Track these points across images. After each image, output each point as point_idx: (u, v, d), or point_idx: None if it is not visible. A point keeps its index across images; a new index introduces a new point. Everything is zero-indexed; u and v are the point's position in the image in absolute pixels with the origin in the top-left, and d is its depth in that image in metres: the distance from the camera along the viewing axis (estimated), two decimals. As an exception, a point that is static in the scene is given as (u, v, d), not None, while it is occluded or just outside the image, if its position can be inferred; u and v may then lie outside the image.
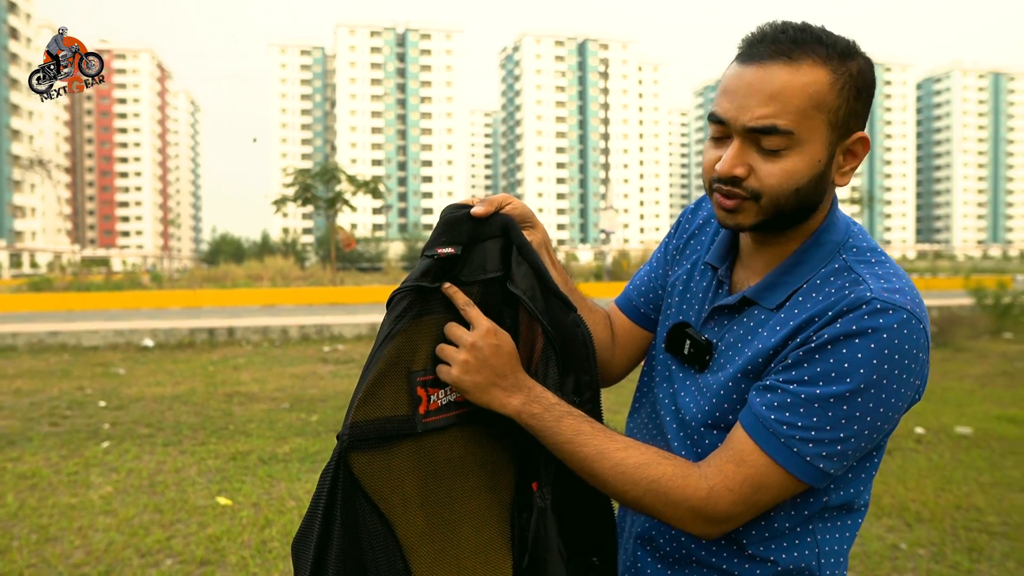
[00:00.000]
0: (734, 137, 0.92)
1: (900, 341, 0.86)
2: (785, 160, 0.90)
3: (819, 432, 0.87)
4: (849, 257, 0.95)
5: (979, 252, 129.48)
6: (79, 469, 5.04)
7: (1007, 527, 3.91)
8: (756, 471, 0.89)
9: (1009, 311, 13.39)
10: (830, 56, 0.89)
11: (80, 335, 12.62)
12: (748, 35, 0.93)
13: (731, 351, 0.99)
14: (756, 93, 0.89)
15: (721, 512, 0.91)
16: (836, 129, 0.91)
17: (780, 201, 0.92)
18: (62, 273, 50.95)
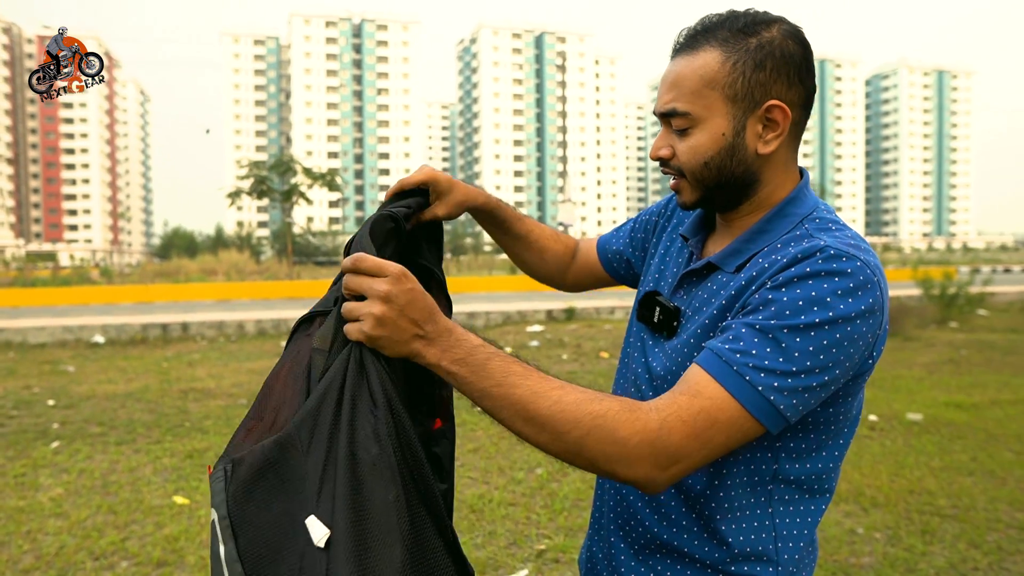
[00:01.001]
0: (661, 126, 1.03)
1: (854, 287, 0.88)
2: (691, 137, 0.99)
3: (771, 362, 0.87)
4: (811, 226, 0.98)
5: (925, 244, 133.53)
6: (27, 471, 4.87)
7: (957, 509, 4.03)
8: (711, 403, 0.87)
9: (954, 301, 13.81)
10: (727, 37, 0.96)
11: (26, 332, 12.21)
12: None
13: (696, 315, 1.02)
14: (664, 84, 1.01)
15: (673, 446, 0.86)
16: (737, 102, 0.96)
17: (697, 174, 1.00)
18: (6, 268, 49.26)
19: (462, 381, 0.89)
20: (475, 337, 0.90)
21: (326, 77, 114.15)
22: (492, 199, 1.32)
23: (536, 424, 0.87)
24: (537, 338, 12.14)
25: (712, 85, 0.96)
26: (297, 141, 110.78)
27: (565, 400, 0.87)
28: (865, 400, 4.25)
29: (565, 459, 0.89)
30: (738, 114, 0.97)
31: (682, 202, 1.05)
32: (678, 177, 1.03)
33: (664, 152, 1.02)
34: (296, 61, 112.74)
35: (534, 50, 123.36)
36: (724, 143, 0.98)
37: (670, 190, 1.11)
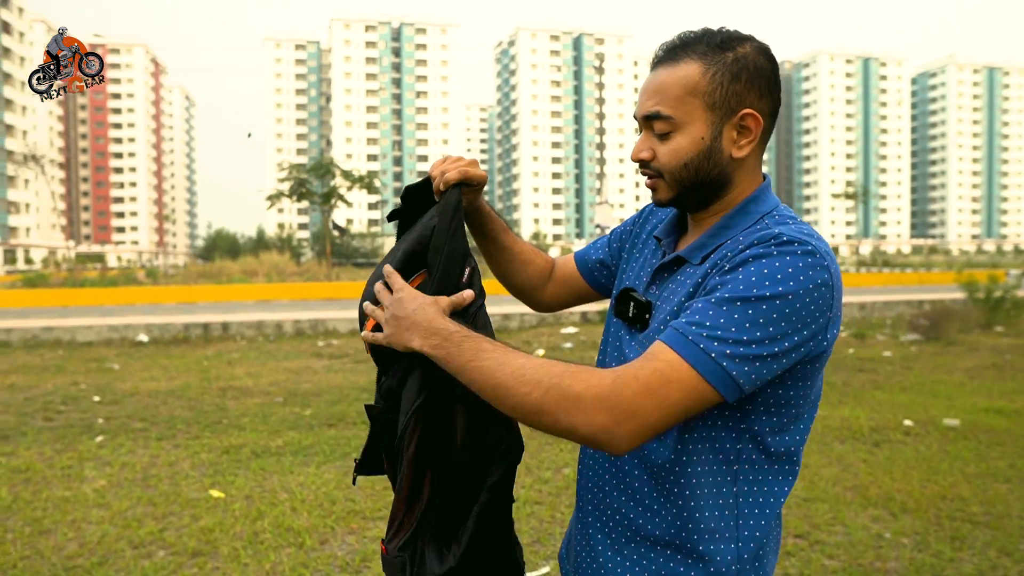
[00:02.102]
0: (642, 130, 1.11)
1: (803, 266, 0.95)
2: (672, 141, 1.07)
3: (723, 332, 0.92)
4: (770, 221, 1.06)
5: (974, 247, 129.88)
6: (73, 463, 5.07)
7: (990, 516, 3.96)
8: (665, 364, 0.92)
9: (1000, 305, 13.47)
10: (706, 51, 1.05)
11: (75, 331, 12.63)
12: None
13: (664, 304, 1.10)
14: (647, 91, 1.09)
15: (626, 400, 0.91)
16: (716, 110, 1.05)
17: (676, 175, 1.08)
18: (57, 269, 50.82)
19: (443, 361, 1.03)
20: (453, 325, 1.05)
21: (366, 80, 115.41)
22: (486, 208, 1.38)
23: (504, 388, 0.96)
24: (571, 340, 12.16)
25: (693, 93, 1.05)
26: (337, 144, 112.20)
27: (527, 365, 0.96)
28: (901, 405, 4.25)
29: (533, 421, 0.96)
30: (716, 120, 1.05)
31: (658, 199, 1.13)
32: (655, 177, 1.11)
33: (645, 154, 1.10)
34: (336, 65, 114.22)
35: (572, 52, 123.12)
36: (703, 146, 1.06)
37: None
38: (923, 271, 39.83)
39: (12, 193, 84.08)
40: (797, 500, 4.21)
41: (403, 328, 1.07)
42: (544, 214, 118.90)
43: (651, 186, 1.12)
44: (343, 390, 7.81)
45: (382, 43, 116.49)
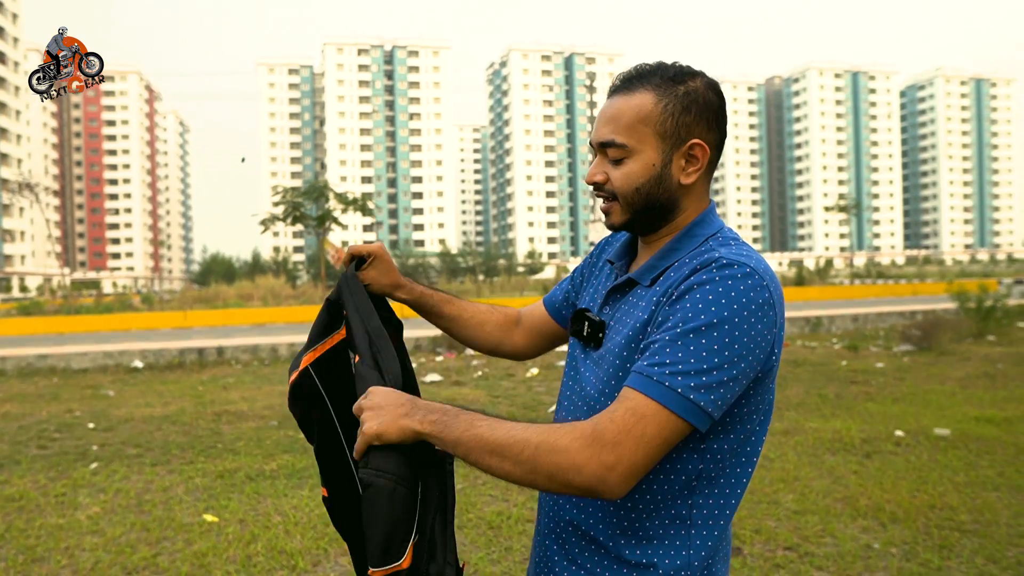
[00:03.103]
0: (596, 155, 1.17)
1: (745, 288, 1.01)
2: (625, 166, 1.13)
3: (685, 365, 0.98)
4: (713, 243, 1.12)
5: (967, 256, 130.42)
6: (67, 490, 5.07)
7: (978, 525, 4.00)
8: (635, 403, 0.98)
9: (991, 314, 13.54)
10: (659, 83, 1.12)
11: (69, 358, 12.62)
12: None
13: (618, 325, 1.15)
14: (603, 118, 1.15)
15: (609, 442, 0.95)
16: (667, 138, 1.11)
17: (628, 198, 1.14)
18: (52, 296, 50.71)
19: (440, 436, 1.05)
20: (445, 405, 1.09)
21: (359, 103, 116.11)
22: (418, 290, 1.48)
23: (498, 453, 1.00)
24: (563, 357, 12.18)
25: (646, 122, 1.11)
26: (331, 167, 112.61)
27: (516, 428, 1.01)
28: (893, 416, 4.31)
29: (529, 482, 1.00)
30: (666, 148, 1.12)
31: (611, 223, 1.19)
32: (610, 200, 1.16)
33: (599, 177, 1.16)
34: (330, 88, 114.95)
35: (563, 71, 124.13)
36: (653, 172, 1.12)
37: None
38: (916, 282, 39.98)
39: (7, 221, 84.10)
40: (787, 512, 4.24)
41: (399, 415, 1.06)
42: (539, 232, 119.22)
43: (606, 209, 1.18)
44: (338, 412, 7.81)
45: (375, 66, 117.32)
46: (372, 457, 1.07)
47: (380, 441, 1.05)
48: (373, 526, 1.05)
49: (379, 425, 1.05)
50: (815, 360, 11.20)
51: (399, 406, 1.07)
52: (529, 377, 10.30)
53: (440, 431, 1.04)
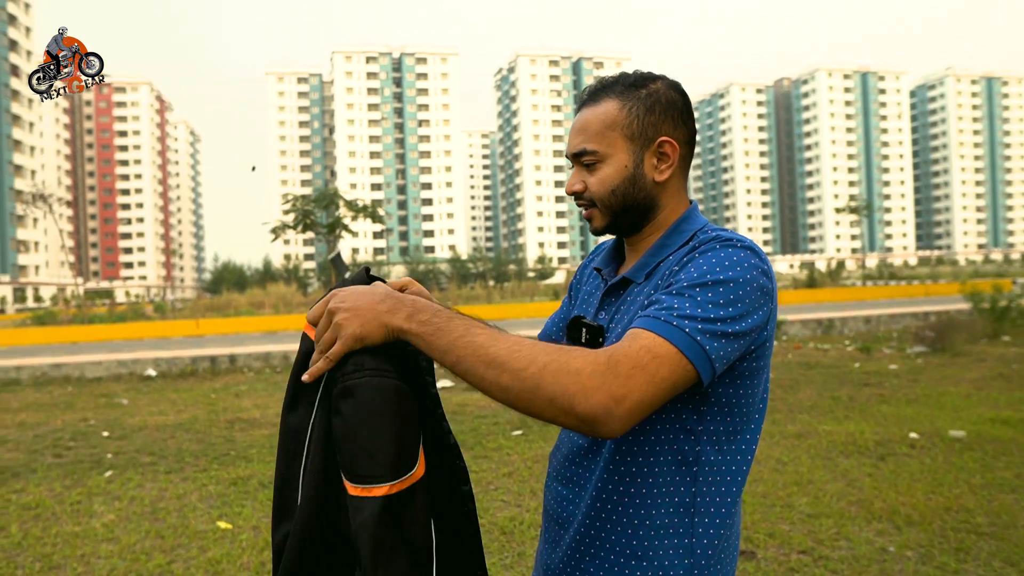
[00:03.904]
0: (574, 165, 1.21)
1: (746, 257, 1.05)
2: (599, 171, 1.17)
3: (692, 311, 0.98)
4: (702, 236, 1.14)
5: (981, 256, 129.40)
6: (82, 498, 5.11)
7: (995, 527, 3.96)
8: (650, 341, 0.96)
9: (1006, 314, 13.43)
10: (622, 90, 1.17)
11: (83, 367, 12.71)
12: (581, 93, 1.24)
13: (617, 325, 1.16)
14: (573, 132, 1.20)
15: (623, 375, 0.92)
16: (635, 140, 1.16)
17: (606, 202, 1.18)
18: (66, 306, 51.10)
19: (429, 339, 0.97)
20: (439, 305, 1.02)
21: (368, 111, 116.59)
22: None
23: (496, 365, 0.94)
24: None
25: (613, 127, 1.16)
26: (341, 174, 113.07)
27: (523, 342, 0.96)
28: (907, 418, 4.28)
29: (526, 401, 0.93)
30: (636, 149, 1.16)
31: (594, 228, 1.22)
32: (590, 207, 1.20)
33: (578, 187, 1.20)
34: (339, 96, 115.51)
35: (571, 76, 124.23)
36: (627, 173, 1.16)
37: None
38: (929, 283, 39.71)
39: (21, 232, 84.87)
40: (801, 516, 4.22)
41: (381, 311, 0.98)
42: (549, 237, 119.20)
43: (587, 216, 1.22)
44: (350, 419, 7.84)
45: (383, 74, 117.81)
46: (361, 359, 0.96)
47: (361, 344, 0.96)
48: (379, 434, 0.94)
49: (360, 326, 0.96)
50: (827, 362, 11.13)
51: (380, 302, 0.99)
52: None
53: (431, 333, 0.96)
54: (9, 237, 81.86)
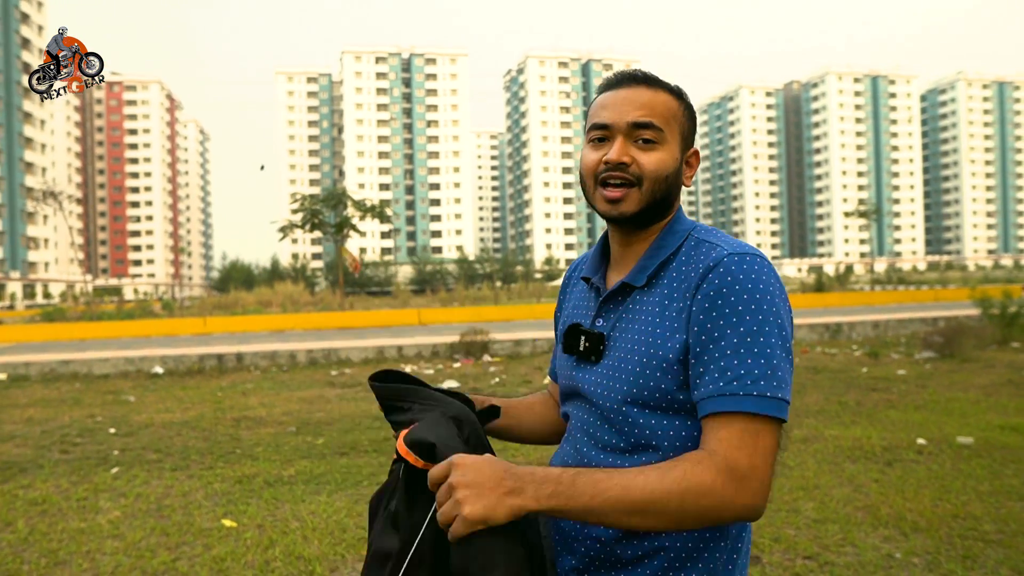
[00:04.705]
0: (617, 136, 1.14)
1: (764, 272, 1.06)
2: (657, 151, 1.14)
3: (759, 370, 1.01)
4: (697, 235, 1.16)
5: (991, 262, 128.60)
6: (88, 495, 5.13)
7: (1003, 535, 3.93)
8: (745, 423, 0.99)
9: (1016, 320, 13.34)
10: (673, 90, 1.19)
11: (91, 363, 12.77)
12: (609, 77, 1.20)
13: (622, 333, 1.15)
14: (632, 102, 1.15)
15: (743, 466, 0.97)
16: (683, 140, 1.18)
17: (655, 185, 1.14)
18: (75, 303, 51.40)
19: (562, 510, 0.96)
20: (550, 468, 0.99)
21: (377, 111, 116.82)
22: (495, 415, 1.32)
23: (640, 512, 0.96)
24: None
25: (674, 119, 1.17)
26: (350, 174, 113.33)
27: (650, 481, 0.97)
28: (914, 424, 4.29)
29: (676, 528, 1.00)
30: (682, 148, 1.18)
31: (623, 210, 1.15)
32: (629, 186, 1.14)
33: (626, 158, 1.14)
34: (348, 96, 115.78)
35: (580, 78, 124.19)
36: (675, 166, 1.17)
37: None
38: (938, 288, 39.51)
39: (31, 229, 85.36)
40: (807, 521, 4.20)
41: (503, 492, 0.94)
42: (556, 239, 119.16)
43: (619, 196, 1.14)
44: (355, 419, 7.86)
45: (392, 74, 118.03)
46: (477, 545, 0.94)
47: (485, 525, 0.93)
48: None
49: (484, 508, 0.93)
50: (835, 367, 11.08)
51: (501, 481, 0.95)
52: (546, 383, 10.28)
53: (563, 504, 0.96)
54: (19, 234, 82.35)
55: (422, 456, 1.04)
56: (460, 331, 14.53)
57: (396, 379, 1.22)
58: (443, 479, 0.96)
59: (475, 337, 13.74)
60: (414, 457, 1.05)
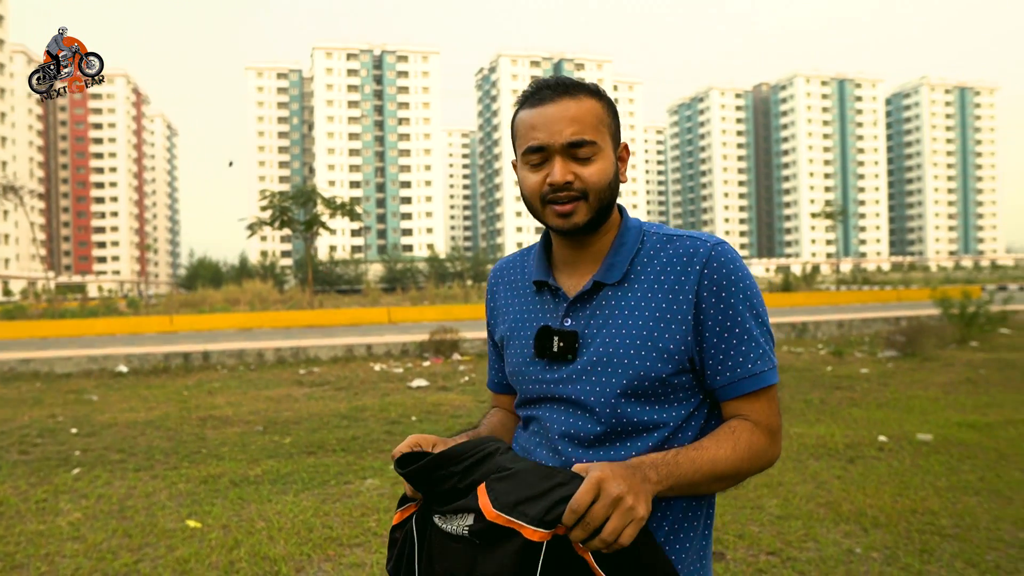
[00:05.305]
0: (555, 157, 1.16)
1: (737, 255, 1.19)
2: (596, 163, 1.17)
3: (765, 344, 1.18)
4: (656, 231, 1.23)
5: (951, 263, 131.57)
6: (48, 496, 5.03)
7: (959, 529, 4.03)
8: (769, 393, 1.19)
9: (974, 320, 13.67)
10: (593, 91, 1.20)
11: (53, 362, 12.51)
12: (527, 89, 1.21)
13: (600, 329, 1.18)
14: (561, 119, 1.15)
15: (777, 426, 1.19)
16: (614, 140, 1.21)
17: (600, 195, 1.18)
18: (36, 301, 50.26)
19: (673, 487, 1.09)
20: (653, 454, 1.10)
21: (348, 108, 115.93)
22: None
23: (726, 478, 1.14)
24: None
25: (603, 123, 1.19)
26: (320, 171, 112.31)
27: (729, 453, 1.13)
28: (876, 421, 4.42)
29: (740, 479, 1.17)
30: (614, 148, 1.22)
31: (574, 223, 1.18)
32: (576, 200, 1.17)
33: (570, 177, 1.16)
34: (318, 93, 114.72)
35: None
36: (614, 169, 1.21)
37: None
38: (901, 288, 40.30)
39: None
40: (771, 518, 4.26)
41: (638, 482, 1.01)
42: (528, 238, 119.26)
43: (570, 210, 1.17)
44: (323, 418, 7.80)
45: (364, 71, 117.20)
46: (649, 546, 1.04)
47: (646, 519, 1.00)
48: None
49: (646, 503, 1.00)
50: (800, 366, 11.26)
51: (632, 475, 1.01)
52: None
53: (674, 482, 1.08)
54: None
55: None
56: (430, 329, 14.49)
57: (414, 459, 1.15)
58: (593, 500, 0.96)
59: (445, 336, 13.71)
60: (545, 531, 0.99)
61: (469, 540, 1.04)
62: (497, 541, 1.01)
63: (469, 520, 1.04)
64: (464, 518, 1.06)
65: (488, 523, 1.01)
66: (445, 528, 1.09)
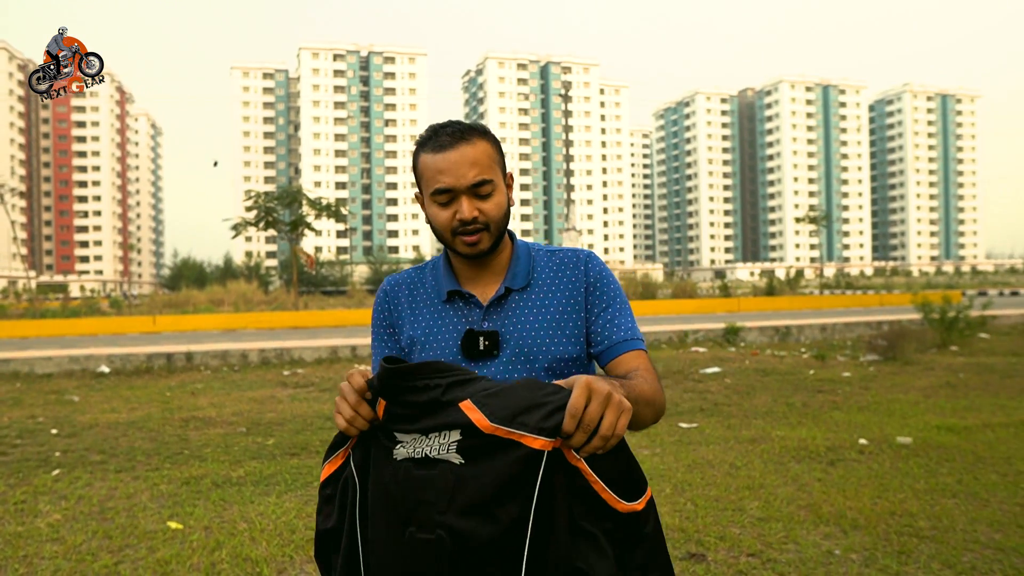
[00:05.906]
0: (460, 197, 1.39)
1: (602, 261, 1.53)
2: (493, 198, 1.42)
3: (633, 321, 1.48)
4: (540, 248, 1.54)
5: (933, 268, 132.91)
6: (27, 498, 4.98)
7: (936, 531, 4.08)
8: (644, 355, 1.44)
9: (954, 325, 13.81)
10: (483, 133, 1.44)
11: (33, 362, 12.38)
12: (424, 134, 1.42)
13: (515, 326, 1.43)
14: (463, 164, 1.38)
15: (657, 377, 1.40)
16: (502, 171, 1.46)
17: (499, 224, 1.43)
18: (17, 300, 49.69)
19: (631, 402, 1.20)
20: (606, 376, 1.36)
21: (334, 109, 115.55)
22: None
23: (647, 403, 1.31)
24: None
25: (494, 161, 1.43)
26: (306, 172, 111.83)
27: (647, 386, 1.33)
28: (857, 424, 4.53)
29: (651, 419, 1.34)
30: (504, 180, 1.46)
31: (480, 250, 1.43)
32: (481, 231, 1.41)
33: (476, 214, 1.39)
34: (305, 94, 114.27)
35: (539, 80, 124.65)
36: (506, 199, 1.46)
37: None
38: (884, 293, 40.68)
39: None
40: (752, 520, 4.30)
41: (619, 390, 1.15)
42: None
43: (475, 240, 1.41)
44: (307, 419, 7.77)
45: (350, 72, 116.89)
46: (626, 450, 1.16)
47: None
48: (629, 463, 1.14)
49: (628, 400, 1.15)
50: (783, 369, 11.34)
51: (607, 379, 1.19)
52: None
53: (627, 395, 1.23)
54: (-42, 228, 79.27)
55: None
56: (416, 332, 14.44)
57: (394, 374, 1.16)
58: (587, 401, 1.05)
59: (431, 338, 13.69)
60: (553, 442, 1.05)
61: (446, 462, 1.02)
62: (491, 456, 1.00)
63: (455, 436, 1.02)
64: (447, 435, 1.03)
65: (483, 438, 1.00)
66: (412, 454, 1.05)
